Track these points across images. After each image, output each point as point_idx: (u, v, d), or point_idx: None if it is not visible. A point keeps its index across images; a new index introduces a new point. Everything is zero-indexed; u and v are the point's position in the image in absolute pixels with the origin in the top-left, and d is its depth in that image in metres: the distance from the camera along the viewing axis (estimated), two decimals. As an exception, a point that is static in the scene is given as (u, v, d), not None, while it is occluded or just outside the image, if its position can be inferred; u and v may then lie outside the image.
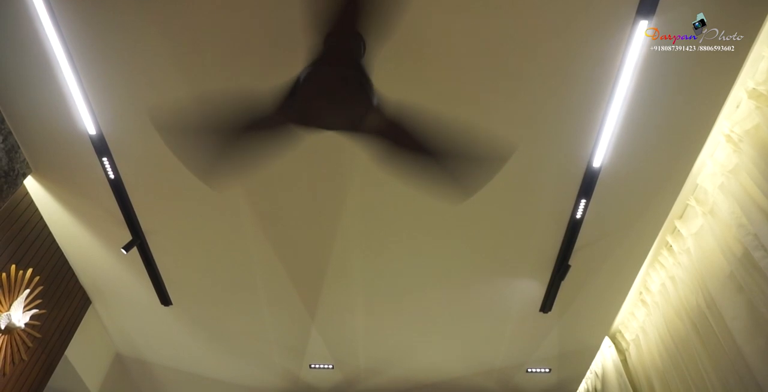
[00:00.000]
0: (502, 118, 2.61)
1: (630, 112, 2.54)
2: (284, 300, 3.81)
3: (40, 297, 3.35)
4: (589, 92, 2.48)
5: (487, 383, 4.66)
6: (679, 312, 3.31)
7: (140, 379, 4.84)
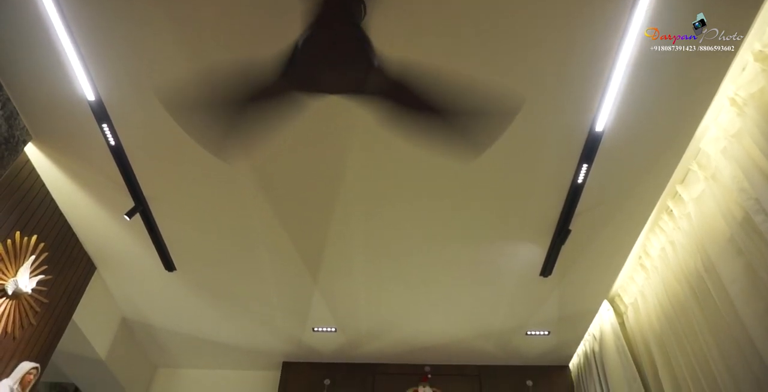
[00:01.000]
0: (507, 78, 2.58)
1: (633, 76, 2.51)
2: (287, 265, 3.85)
3: (46, 264, 3.39)
4: (593, 55, 2.45)
5: (487, 345, 4.75)
6: (678, 276, 3.34)
7: (147, 343, 4.94)
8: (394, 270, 3.89)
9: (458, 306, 4.25)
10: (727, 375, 2.82)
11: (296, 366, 5.01)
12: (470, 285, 4.02)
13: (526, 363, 4.97)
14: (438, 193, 3.25)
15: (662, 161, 3.00)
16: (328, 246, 3.69)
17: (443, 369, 4.95)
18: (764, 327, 2.51)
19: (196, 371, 5.34)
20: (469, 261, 3.78)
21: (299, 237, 3.64)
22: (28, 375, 3.24)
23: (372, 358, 4.95)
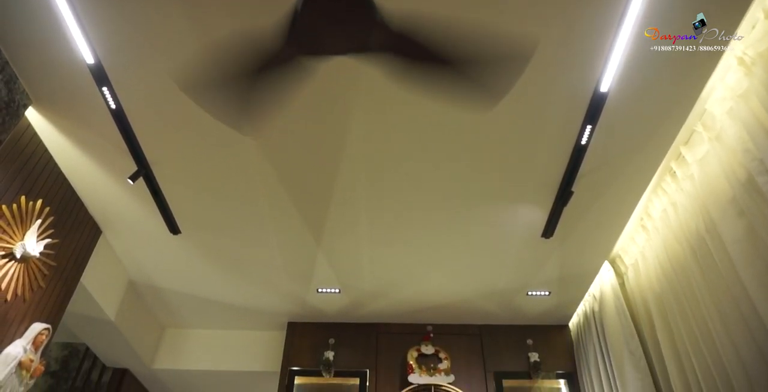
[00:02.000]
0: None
1: (640, 36, 2.47)
2: (291, 228, 3.88)
3: (52, 228, 3.42)
4: (599, 13, 2.40)
5: (489, 305, 4.82)
6: (679, 237, 3.37)
7: (154, 304, 5.02)
8: (397, 232, 3.92)
9: (460, 266, 4.29)
10: (724, 334, 2.87)
11: (301, 326, 5.10)
12: (473, 246, 4.06)
13: (526, 323, 5.06)
14: (441, 155, 3.25)
15: (667, 122, 2.98)
16: (331, 209, 3.71)
17: (445, 328, 5.04)
18: (764, 288, 2.54)
19: (203, 331, 5.45)
20: (472, 222, 3.81)
21: (303, 200, 3.65)
22: (40, 335, 3.32)
23: (375, 318, 5.04)
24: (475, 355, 4.89)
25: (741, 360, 2.72)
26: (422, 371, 4.69)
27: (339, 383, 4.82)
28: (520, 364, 4.82)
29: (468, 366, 4.82)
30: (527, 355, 4.81)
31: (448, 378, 4.67)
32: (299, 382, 4.80)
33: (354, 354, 4.89)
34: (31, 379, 3.29)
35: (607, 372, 4.07)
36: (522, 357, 4.85)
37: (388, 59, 1.88)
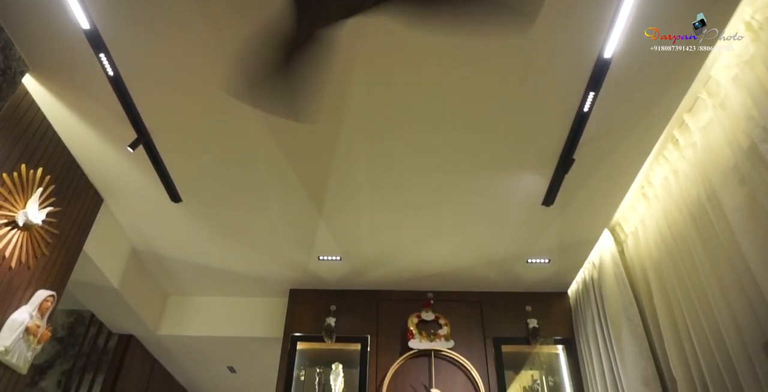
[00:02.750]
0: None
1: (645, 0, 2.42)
2: (291, 195, 3.89)
3: (53, 196, 3.42)
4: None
5: (489, 273, 4.87)
6: (679, 205, 3.37)
7: (157, 272, 5.08)
8: (398, 200, 3.93)
9: (461, 234, 4.32)
10: (721, 300, 2.90)
11: (303, 293, 5.16)
12: (473, 214, 4.07)
13: (526, 290, 5.12)
14: (442, 123, 3.23)
15: (671, 89, 2.95)
16: (331, 178, 3.70)
17: (445, 295, 5.10)
18: (762, 255, 2.56)
19: (206, 298, 5.52)
20: (473, 190, 3.81)
21: (303, 168, 3.65)
22: (45, 302, 3.36)
23: (376, 285, 5.10)
24: (475, 321, 4.96)
25: (737, 326, 2.76)
26: (422, 337, 4.77)
27: (340, 348, 4.90)
28: (519, 330, 4.89)
29: (468, 332, 4.89)
30: (526, 321, 4.88)
31: (447, 344, 4.75)
32: (301, 348, 4.89)
33: (355, 320, 4.96)
34: (39, 344, 3.35)
35: (605, 338, 4.13)
36: (521, 324, 4.92)
37: (404, 4, 1.80)
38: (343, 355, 4.91)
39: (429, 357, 4.74)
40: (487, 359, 4.74)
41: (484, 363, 4.71)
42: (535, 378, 4.89)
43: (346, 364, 4.84)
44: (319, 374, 4.85)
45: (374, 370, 4.67)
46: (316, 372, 4.89)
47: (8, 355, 3.08)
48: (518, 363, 5.05)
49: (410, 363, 4.72)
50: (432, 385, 4.58)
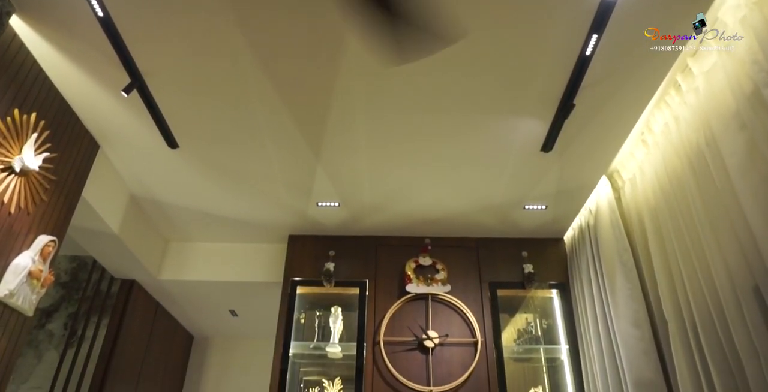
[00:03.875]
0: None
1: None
2: (289, 140, 3.86)
3: (49, 141, 3.40)
4: None
5: (487, 219, 4.91)
6: (678, 151, 3.36)
7: (156, 218, 5.11)
8: (396, 146, 3.91)
9: (459, 180, 4.32)
10: (714, 244, 2.94)
11: (302, 238, 5.22)
12: (472, 160, 4.06)
13: (522, 236, 5.17)
14: (441, 64, 3.16)
15: (676, 32, 2.88)
16: (329, 122, 3.67)
17: (443, 241, 5.16)
18: (757, 200, 2.57)
19: (207, 244, 5.59)
20: (472, 136, 3.79)
21: (300, 112, 3.61)
22: (46, 247, 3.40)
23: (374, 231, 5.15)
24: (472, 266, 5.04)
25: (728, 270, 2.81)
26: (419, 281, 4.87)
27: (339, 292, 5.01)
28: (514, 275, 4.98)
29: (464, 276, 4.99)
30: (522, 267, 4.96)
31: (444, 288, 4.85)
32: (301, 292, 4.99)
33: (354, 265, 5.04)
34: (43, 288, 3.41)
35: (599, 283, 4.22)
36: (517, 269, 5.01)
37: None
38: (342, 299, 5.02)
39: (426, 301, 4.85)
40: (482, 302, 4.85)
41: (480, 307, 4.83)
42: (529, 321, 5.03)
43: (345, 307, 4.96)
44: (319, 317, 4.98)
45: (372, 313, 4.78)
46: (315, 315, 5.01)
47: (13, 298, 3.14)
48: (513, 306, 5.18)
49: (408, 306, 4.83)
50: (429, 327, 4.71)
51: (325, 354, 4.87)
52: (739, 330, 2.69)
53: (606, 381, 3.96)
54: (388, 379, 4.49)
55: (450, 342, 4.66)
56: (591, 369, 4.29)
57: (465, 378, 4.48)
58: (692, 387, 3.14)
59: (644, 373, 3.54)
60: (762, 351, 2.51)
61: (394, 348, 4.63)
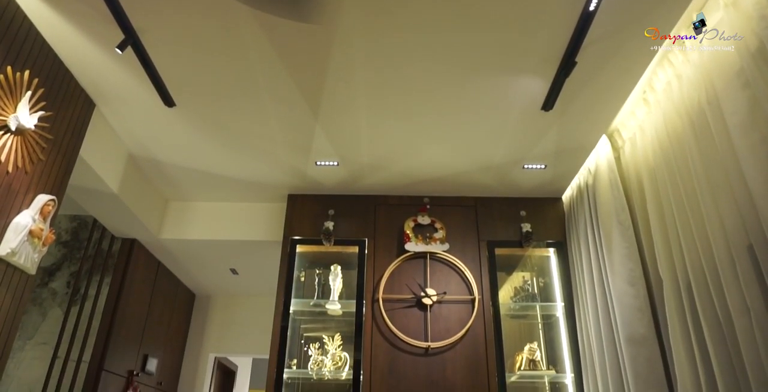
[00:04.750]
0: None
1: None
2: (287, 97, 3.82)
3: (44, 100, 3.36)
4: None
5: (485, 178, 4.91)
6: (680, 110, 3.33)
7: (156, 178, 5.11)
8: (395, 103, 3.87)
9: (459, 139, 4.30)
10: (712, 204, 2.95)
11: (301, 198, 5.23)
12: (471, 119, 4.03)
13: (521, 195, 5.19)
14: (442, 20, 3.10)
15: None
16: (328, 79, 3.62)
17: (441, 200, 5.18)
18: (756, 159, 2.57)
19: (206, 203, 5.60)
20: (472, 94, 3.75)
21: (298, 69, 3.56)
22: (46, 206, 3.41)
23: (374, 190, 5.15)
24: (470, 226, 5.08)
25: (724, 229, 2.83)
26: (418, 240, 4.91)
27: (339, 251, 5.06)
28: (512, 234, 5.02)
29: (462, 235, 5.03)
30: (520, 226, 5.00)
31: (442, 247, 4.90)
32: (301, 250, 5.04)
33: (353, 224, 5.07)
34: (44, 247, 3.44)
35: (596, 242, 4.25)
36: (515, 228, 5.04)
37: None
38: (342, 257, 5.08)
39: (424, 259, 4.90)
40: (480, 261, 4.90)
41: (478, 265, 4.88)
42: (526, 279, 5.10)
43: (344, 266, 5.02)
44: (319, 275, 5.04)
45: (372, 271, 4.84)
46: (315, 273, 5.07)
47: (15, 257, 3.17)
48: (510, 265, 5.24)
49: (406, 264, 4.89)
50: (427, 285, 4.78)
51: (325, 311, 4.96)
52: (731, 287, 2.73)
53: (600, 336, 4.05)
54: (387, 335, 4.59)
55: (448, 300, 4.74)
56: (585, 326, 4.38)
57: (462, 334, 4.57)
58: (683, 343, 3.21)
59: (637, 329, 3.61)
60: (753, 307, 2.55)
61: (393, 306, 4.72)
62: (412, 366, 4.48)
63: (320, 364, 4.70)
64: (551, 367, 4.70)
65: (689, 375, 3.13)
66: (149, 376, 5.91)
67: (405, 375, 4.44)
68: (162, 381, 6.24)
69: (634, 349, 3.59)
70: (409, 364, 4.49)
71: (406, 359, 4.51)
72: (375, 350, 4.53)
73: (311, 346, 4.84)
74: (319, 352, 4.78)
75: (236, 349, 7.15)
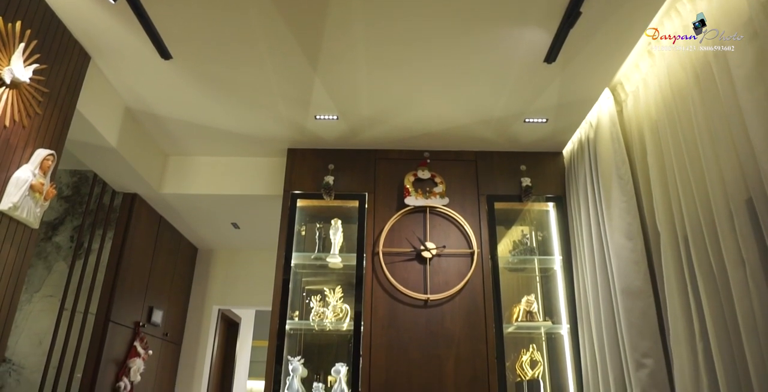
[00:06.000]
0: None
1: None
2: (285, 49, 3.75)
3: (37, 52, 3.30)
4: None
5: (486, 132, 4.88)
6: (684, 62, 3.28)
7: (155, 132, 5.08)
8: (395, 55, 3.81)
9: (459, 92, 4.25)
10: (712, 157, 2.94)
11: (301, 152, 5.21)
12: (473, 71, 3.97)
13: (521, 150, 5.17)
14: (442, -29, 3.02)
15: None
16: (326, 30, 3.55)
17: (442, 154, 5.16)
18: (760, 112, 2.54)
19: (206, 158, 5.59)
20: (473, 46, 3.68)
21: (297, 22, 3.48)
22: (45, 160, 3.41)
23: (373, 145, 5.13)
24: (470, 180, 5.08)
25: (723, 183, 2.83)
26: (418, 194, 4.92)
27: (339, 205, 5.08)
28: (512, 188, 5.04)
29: (462, 189, 5.04)
30: (520, 180, 5.01)
31: (442, 201, 4.92)
32: (301, 204, 5.06)
33: (353, 178, 5.08)
34: (46, 201, 3.46)
35: (595, 196, 4.27)
36: (514, 182, 5.05)
37: None
38: (342, 211, 5.11)
39: (424, 213, 4.93)
40: (480, 215, 4.93)
41: (477, 219, 4.92)
42: (525, 233, 5.15)
43: (345, 220, 5.06)
44: (319, 229, 5.09)
45: (372, 225, 4.88)
46: (316, 227, 5.12)
47: (17, 211, 3.19)
48: (509, 219, 5.28)
49: (406, 218, 4.92)
50: (427, 239, 4.83)
51: (326, 264, 5.04)
52: (728, 240, 2.76)
53: (596, 289, 4.12)
54: (387, 288, 4.67)
55: (447, 253, 4.80)
56: (582, 279, 4.46)
57: (461, 287, 4.66)
58: (678, 295, 3.27)
59: (633, 282, 3.68)
60: (748, 259, 2.59)
61: (393, 259, 4.78)
62: (412, 318, 4.58)
63: (322, 316, 4.80)
64: (547, 319, 4.81)
65: (682, 325, 3.20)
66: (155, 327, 6.06)
67: (405, 326, 4.55)
68: (168, 333, 6.40)
69: (629, 301, 3.66)
70: (408, 316, 4.59)
71: (405, 311, 4.61)
72: (375, 302, 4.63)
73: (313, 298, 4.94)
74: (320, 304, 4.88)
75: (239, 302, 7.29)
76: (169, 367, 6.55)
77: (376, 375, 4.39)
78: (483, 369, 4.40)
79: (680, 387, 3.15)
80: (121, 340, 5.33)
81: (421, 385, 4.35)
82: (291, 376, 4.51)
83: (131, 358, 5.39)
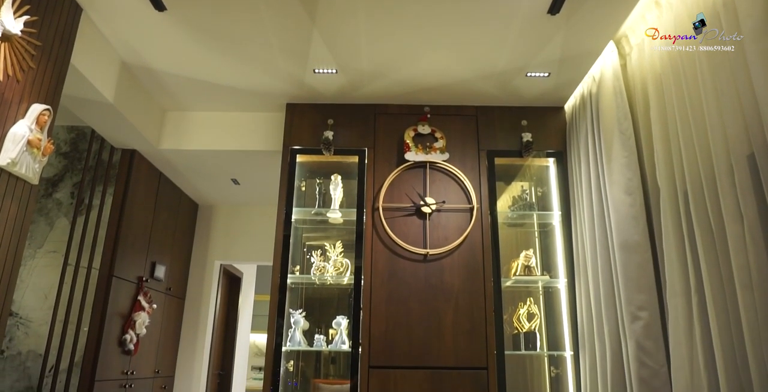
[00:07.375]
0: None
1: None
2: (283, 1, 3.65)
3: (27, 3, 3.22)
4: None
5: (487, 87, 4.81)
6: (692, 13, 3.19)
7: (151, 87, 5.01)
8: (394, 7, 3.71)
9: (461, 45, 4.17)
10: (716, 112, 2.91)
11: (300, 107, 5.16)
12: (474, 24, 3.88)
13: (522, 104, 5.12)
14: None
15: None
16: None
17: (442, 109, 5.11)
18: (765, 65, 2.50)
19: (204, 113, 5.54)
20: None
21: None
22: (41, 116, 3.37)
23: (373, 99, 5.07)
24: (470, 135, 5.05)
25: (725, 138, 2.81)
26: (418, 149, 4.90)
27: (339, 160, 5.07)
28: (512, 144, 5.01)
29: (462, 145, 5.01)
30: (520, 135, 4.97)
31: (442, 156, 4.90)
32: (301, 160, 5.05)
33: (353, 133, 5.04)
34: (44, 157, 3.45)
35: (596, 151, 4.25)
36: (515, 137, 5.02)
37: None
38: (342, 167, 5.10)
39: (424, 169, 4.93)
40: (479, 170, 4.93)
41: (477, 175, 4.91)
42: (525, 189, 5.16)
43: (344, 175, 5.05)
44: (319, 184, 5.09)
45: (372, 181, 4.88)
46: (316, 182, 5.12)
47: (16, 167, 3.18)
48: (510, 174, 5.28)
49: (406, 174, 4.92)
50: (426, 194, 4.84)
51: (326, 219, 5.07)
52: (727, 195, 2.76)
53: (594, 244, 4.16)
54: (387, 242, 4.71)
55: (447, 208, 4.82)
56: (581, 233, 4.49)
57: (460, 242, 4.70)
58: (675, 249, 3.31)
59: (631, 236, 3.70)
60: (746, 214, 2.60)
61: (393, 214, 4.80)
62: (411, 272, 4.64)
63: (322, 270, 4.87)
64: (545, 273, 4.88)
65: (678, 279, 3.25)
66: (158, 282, 6.15)
67: (404, 280, 4.61)
68: (171, 287, 6.50)
69: (627, 255, 3.70)
70: (408, 270, 4.65)
71: (405, 265, 4.66)
72: (375, 256, 4.68)
73: (313, 253, 4.99)
74: (321, 259, 4.94)
75: (241, 257, 7.37)
76: (174, 321, 6.69)
77: (376, 328, 4.48)
78: (481, 322, 4.49)
79: (674, 339, 3.23)
80: (125, 295, 5.42)
81: (420, 337, 4.45)
82: (293, 329, 4.61)
83: (136, 312, 5.50)
